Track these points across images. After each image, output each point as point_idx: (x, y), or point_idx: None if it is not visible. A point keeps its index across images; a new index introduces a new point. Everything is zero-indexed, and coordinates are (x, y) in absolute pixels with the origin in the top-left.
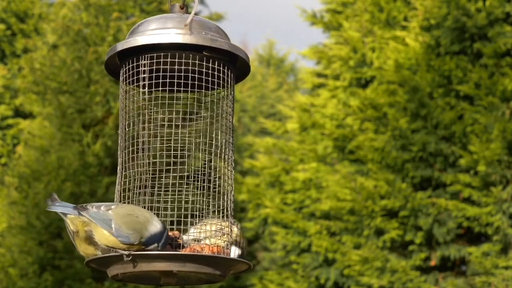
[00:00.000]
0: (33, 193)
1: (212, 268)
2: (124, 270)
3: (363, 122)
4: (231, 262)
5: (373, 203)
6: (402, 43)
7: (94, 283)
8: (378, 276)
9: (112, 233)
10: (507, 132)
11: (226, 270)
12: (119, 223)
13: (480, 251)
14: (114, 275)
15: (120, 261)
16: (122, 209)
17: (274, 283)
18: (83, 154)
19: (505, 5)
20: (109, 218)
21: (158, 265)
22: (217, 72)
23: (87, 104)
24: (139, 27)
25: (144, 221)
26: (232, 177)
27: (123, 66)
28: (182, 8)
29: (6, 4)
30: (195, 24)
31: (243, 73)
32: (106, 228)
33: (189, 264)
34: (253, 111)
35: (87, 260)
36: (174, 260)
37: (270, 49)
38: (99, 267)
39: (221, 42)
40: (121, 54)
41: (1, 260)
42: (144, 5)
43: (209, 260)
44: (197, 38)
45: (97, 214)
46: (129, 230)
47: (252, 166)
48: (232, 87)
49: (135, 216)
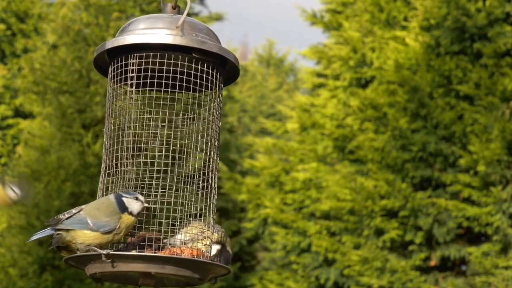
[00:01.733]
0: (33, 193)
1: (191, 271)
2: (102, 269)
3: (363, 122)
4: (210, 266)
5: (373, 203)
6: (402, 43)
7: (94, 283)
8: (378, 276)
9: (91, 228)
10: (507, 132)
11: (205, 273)
12: (93, 217)
13: (480, 251)
14: (92, 273)
15: (98, 260)
16: (91, 205)
17: (274, 283)
18: (83, 154)
19: (505, 5)
20: (83, 217)
21: (137, 266)
22: (206, 75)
23: (87, 104)
24: (130, 25)
25: (108, 202)
26: (216, 180)
27: (111, 64)
28: (174, 8)
29: (6, 4)
30: (186, 25)
31: (232, 76)
32: (84, 227)
33: (168, 266)
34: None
35: (66, 257)
36: (153, 262)
37: (269, 49)
38: (78, 265)
39: (210, 45)
40: (110, 52)
41: (1, 260)
42: (144, 5)
43: (188, 263)
44: (186, 40)
45: (71, 220)
46: (105, 217)
47: (252, 166)
48: (220, 89)
49: (101, 203)
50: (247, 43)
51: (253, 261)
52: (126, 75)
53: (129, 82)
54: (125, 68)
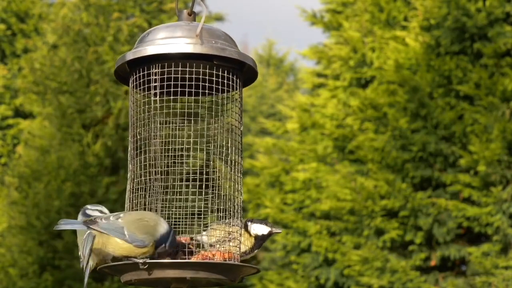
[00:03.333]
0: (33, 193)
1: (223, 275)
2: (138, 276)
3: (363, 122)
4: (242, 268)
5: (373, 203)
6: (402, 43)
7: (94, 283)
8: (378, 276)
9: (127, 240)
10: (507, 132)
11: (236, 275)
12: (132, 229)
13: (480, 251)
14: (127, 280)
15: (135, 269)
16: (131, 216)
17: (274, 283)
18: (83, 154)
19: (505, 5)
20: (121, 226)
21: (172, 272)
22: (226, 80)
23: (87, 104)
24: (149, 35)
25: (154, 224)
26: (241, 182)
27: (133, 74)
28: (190, 15)
29: (6, 4)
30: (204, 32)
31: (250, 78)
32: (119, 236)
33: (202, 272)
34: (253, 111)
35: (101, 266)
36: (187, 268)
37: (269, 49)
38: (113, 273)
39: (230, 51)
40: (130, 63)
41: (1, 260)
42: (144, 5)
43: (221, 267)
44: (207, 48)
45: (108, 224)
46: (142, 234)
47: (252, 166)
48: (240, 92)
49: (145, 220)
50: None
51: (253, 261)
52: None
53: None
54: (147, 78)
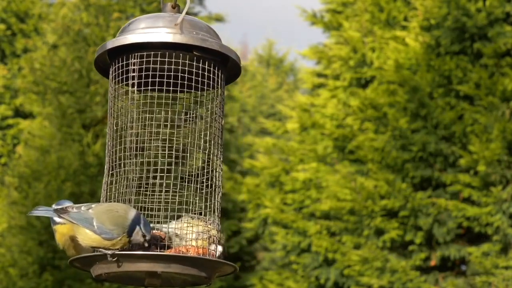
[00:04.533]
0: (33, 193)
1: (197, 270)
2: (108, 270)
3: (363, 122)
4: (217, 264)
5: (373, 203)
6: (402, 43)
7: (94, 283)
8: (378, 276)
9: (95, 231)
10: (507, 132)
11: (212, 272)
12: (101, 220)
13: (480, 251)
14: (98, 274)
15: (104, 261)
16: (101, 207)
17: (274, 283)
18: (83, 154)
19: (505, 5)
20: (91, 217)
21: (143, 265)
22: (207, 73)
23: (87, 104)
24: (130, 25)
25: (123, 214)
26: (221, 178)
27: (112, 64)
28: (174, 8)
29: (6, 4)
30: (186, 23)
31: (234, 74)
32: (88, 227)
33: (174, 265)
34: (253, 111)
35: (71, 259)
36: (159, 261)
37: (269, 49)
38: (83, 267)
39: (211, 42)
40: (111, 52)
41: (1, 260)
42: (144, 5)
43: (194, 262)
44: (187, 38)
45: (77, 214)
46: (111, 225)
47: (252, 166)
48: (222, 88)
49: (115, 211)
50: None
51: (253, 261)
52: (127, 75)
53: (131, 82)
54: (126, 68)
